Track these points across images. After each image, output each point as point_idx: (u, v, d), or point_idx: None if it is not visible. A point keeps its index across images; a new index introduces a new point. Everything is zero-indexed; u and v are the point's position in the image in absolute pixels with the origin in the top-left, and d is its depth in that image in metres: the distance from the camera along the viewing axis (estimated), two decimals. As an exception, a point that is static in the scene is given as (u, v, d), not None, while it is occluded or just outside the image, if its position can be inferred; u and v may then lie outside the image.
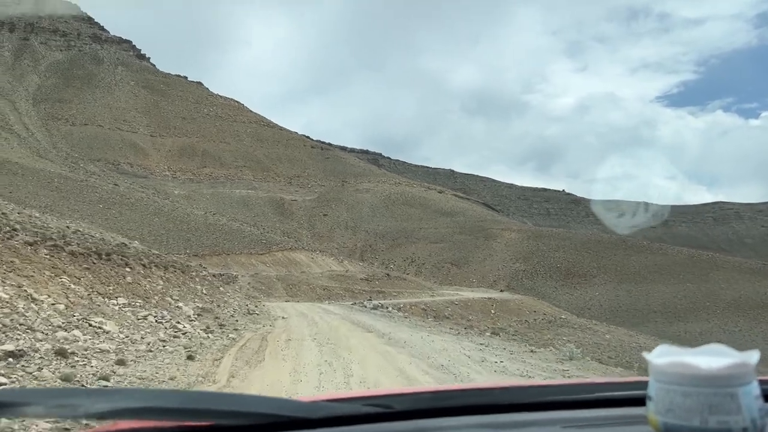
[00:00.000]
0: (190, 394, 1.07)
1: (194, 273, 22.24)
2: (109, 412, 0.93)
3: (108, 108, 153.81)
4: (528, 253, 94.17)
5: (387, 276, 53.02)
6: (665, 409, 0.88)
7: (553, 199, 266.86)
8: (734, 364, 0.86)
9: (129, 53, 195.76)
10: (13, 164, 74.87)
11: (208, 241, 56.39)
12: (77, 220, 56.40)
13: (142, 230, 55.54)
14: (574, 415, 1.23)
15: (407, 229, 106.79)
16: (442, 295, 50.36)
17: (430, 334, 15.19)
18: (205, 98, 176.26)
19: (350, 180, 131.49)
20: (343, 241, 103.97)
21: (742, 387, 0.86)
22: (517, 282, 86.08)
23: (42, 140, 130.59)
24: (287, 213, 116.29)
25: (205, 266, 44.45)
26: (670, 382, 0.88)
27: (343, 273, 51.36)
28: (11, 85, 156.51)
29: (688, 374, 0.86)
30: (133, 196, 71.97)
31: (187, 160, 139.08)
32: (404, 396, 1.26)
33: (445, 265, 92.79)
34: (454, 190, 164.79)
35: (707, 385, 0.85)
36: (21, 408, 0.92)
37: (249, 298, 27.10)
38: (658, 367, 0.90)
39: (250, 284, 42.81)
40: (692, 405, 0.86)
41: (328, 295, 43.65)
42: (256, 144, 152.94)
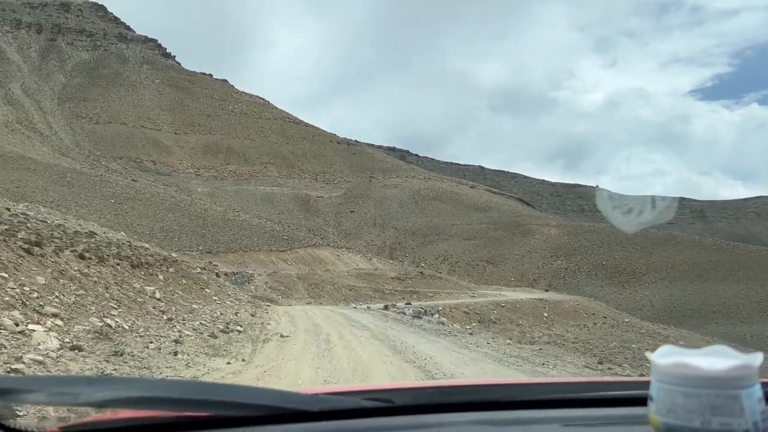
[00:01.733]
0: (191, 384, 1.11)
1: (170, 269, 16.97)
2: (110, 401, 0.92)
3: (132, 106, 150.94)
4: (569, 249, 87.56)
5: (420, 274, 47.39)
6: (666, 409, 0.87)
7: (586, 196, 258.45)
8: (737, 366, 0.85)
9: (154, 52, 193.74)
10: (27, 160, 71.09)
11: (225, 238, 51.38)
12: (85, 215, 51.91)
13: (153, 226, 50.80)
14: (574, 414, 1.22)
15: (438, 225, 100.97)
16: (484, 295, 44.63)
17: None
18: (230, 95, 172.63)
19: (378, 175, 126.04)
20: (371, 239, 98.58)
21: (745, 389, 0.84)
22: (559, 280, 79.65)
23: (65, 138, 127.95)
24: (313, 210, 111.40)
25: (216, 264, 39.33)
26: (672, 382, 0.87)
27: (372, 271, 45.89)
28: (37, 84, 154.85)
29: (690, 375, 0.85)
30: (149, 191, 67.53)
31: (211, 158, 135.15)
32: (405, 391, 1.24)
33: (479, 263, 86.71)
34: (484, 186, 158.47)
35: (710, 386, 0.84)
36: (21, 395, 0.91)
37: (255, 301, 21.81)
38: (660, 367, 0.89)
39: (267, 284, 37.56)
40: (694, 406, 0.84)
41: (356, 296, 38.19)
42: (282, 140, 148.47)
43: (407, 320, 19.10)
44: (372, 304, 36.12)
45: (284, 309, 21.15)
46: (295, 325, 13.78)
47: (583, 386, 1.47)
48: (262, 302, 24.65)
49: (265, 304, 22.05)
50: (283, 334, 11.78)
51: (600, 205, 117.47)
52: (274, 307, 21.42)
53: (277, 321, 14.93)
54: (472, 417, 1.16)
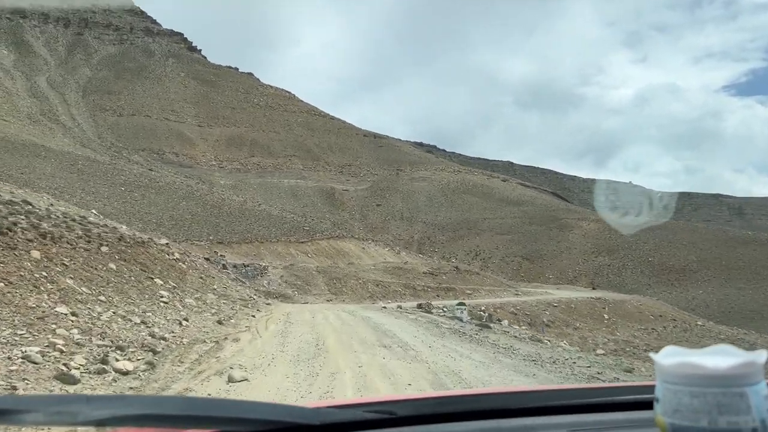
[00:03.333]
0: (190, 400, 1.11)
1: (102, 248, 11.82)
2: (108, 419, 0.90)
3: (156, 99, 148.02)
4: (612, 245, 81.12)
5: (456, 270, 41.99)
6: (672, 410, 0.85)
7: (618, 192, 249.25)
8: (742, 364, 0.84)
9: (180, 45, 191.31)
10: (39, 147, 67.41)
11: (240, 228, 46.62)
12: (89, 201, 47.58)
13: (162, 214, 46.28)
14: (580, 420, 1.19)
15: (469, 219, 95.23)
16: (528, 293, 39.16)
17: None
18: (256, 88, 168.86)
19: (405, 168, 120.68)
20: (398, 233, 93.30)
21: (751, 386, 0.83)
22: (602, 278, 73.43)
23: (87, 130, 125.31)
24: (338, 203, 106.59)
25: (223, 254, 34.45)
26: (678, 382, 0.85)
27: (401, 265, 40.66)
28: (63, 78, 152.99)
29: (695, 374, 0.84)
30: (164, 180, 63.21)
31: (234, 150, 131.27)
32: (407, 402, 1.22)
33: (515, 259, 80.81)
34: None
35: (716, 385, 0.83)
36: (19, 415, 0.89)
37: (253, 299, 16.67)
38: (665, 367, 0.88)
39: (282, 278, 32.58)
40: (700, 405, 0.83)
41: (383, 292, 33.00)
42: (307, 133, 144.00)
43: (469, 332, 13.21)
44: (403, 302, 30.85)
45: (289, 309, 15.97)
46: (284, 343, 8.36)
47: (588, 392, 1.44)
48: (264, 300, 19.66)
49: (264, 303, 16.99)
50: (235, 377, 6.42)
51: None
52: (277, 308, 16.26)
53: (255, 335, 9.70)
54: (476, 426, 1.13)
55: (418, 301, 32.48)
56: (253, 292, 21.87)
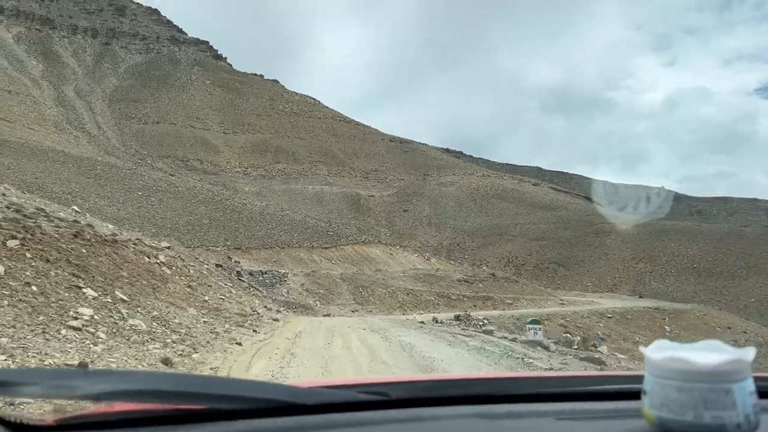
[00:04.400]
0: (187, 377, 1.15)
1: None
2: (106, 394, 0.91)
3: (182, 106, 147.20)
4: (652, 251, 76.64)
5: (492, 277, 38.52)
6: (660, 403, 0.87)
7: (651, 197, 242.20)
8: (730, 360, 0.85)
9: (206, 54, 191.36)
10: (59, 153, 65.82)
11: (260, 233, 43.84)
12: (103, 206, 45.28)
13: (178, 219, 43.74)
14: (568, 407, 1.20)
15: (500, 225, 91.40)
16: (574, 302, 35.53)
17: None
18: (280, 95, 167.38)
19: (432, 173, 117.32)
20: (426, 239, 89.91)
21: (738, 383, 0.84)
22: (644, 285, 69.08)
23: (112, 138, 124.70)
24: (364, 209, 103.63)
25: (238, 260, 31.52)
26: (666, 376, 0.86)
27: (433, 272, 37.35)
28: (90, 87, 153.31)
29: (683, 369, 0.85)
30: (183, 185, 60.97)
31: (259, 156, 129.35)
32: (400, 384, 1.24)
33: (549, 265, 76.77)
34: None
35: (702, 380, 0.84)
36: (18, 388, 0.90)
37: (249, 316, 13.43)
38: (653, 361, 0.89)
39: (303, 286, 29.53)
40: (687, 400, 0.84)
41: (414, 302, 29.73)
42: (332, 139, 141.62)
43: (574, 366, 9.59)
44: (437, 313, 27.52)
45: (301, 327, 12.65)
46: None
47: (577, 380, 1.45)
48: (275, 313, 16.58)
49: (271, 319, 13.82)
50: None
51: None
52: (286, 326, 12.97)
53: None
54: (467, 410, 1.14)
55: (453, 311, 29.13)
56: (267, 303, 18.87)
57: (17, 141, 69.37)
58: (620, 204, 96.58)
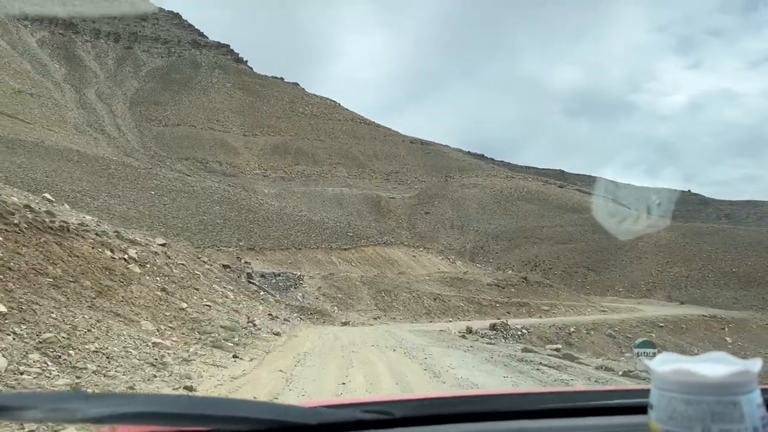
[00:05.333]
0: (188, 399, 1.09)
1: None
2: (107, 417, 0.90)
3: (202, 109, 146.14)
4: (687, 254, 72.75)
5: (524, 281, 35.50)
6: (667, 417, 0.85)
7: (678, 201, 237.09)
8: (737, 372, 0.83)
9: (227, 57, 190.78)
10: (73, 152, 64.18)
11: (276, 233, 41.33)
12: (112, 205, 43.18)
13: (190, 218, 41.41)
14: (574, 423, 1.18)
15: (526, 227, 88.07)
16: (616, 309, 32.44)
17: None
18: (301, 98, 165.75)
19: (454, 175, 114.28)
20: (448, 242, 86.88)
21: (745, 395, 0.83)
22: (680, 291, 65.30)
23: (132, 140, 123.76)
24: (384, 211, 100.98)
25: (248, 261, 28.92)
26: (672, 390, 0.85)
27: (461, 276, 34.43)
28: (111, 90, 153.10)
29: (690, 382, 0.83)
30: (199, 185, 58.85)
31: (279, 158, 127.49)
32: (404, 403, 1.22)
33: (579, 269, 73.28)
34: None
35: (710, 393, 0.82)
36: (18, 412, 0.88)
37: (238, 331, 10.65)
38: (660, 374, 0.87)
39: (320, 289, 26.85)
40: (694, 413, 0.82)
41: (442, 308, 26.88)
42: (352, 141, 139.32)
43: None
44: (468, 320, 24.62)
45: (308, 345, 9.88)
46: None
47: (582, 395, 1.43)
48: (281, 323, 13.91)
49: (271, 332, 11.06)
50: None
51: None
52: (288, 344, 10.24)
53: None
54: (472, 428, 1.12)
55: (485, 319, 26.21)
56: (277, 309, 16.24)
57: (33, 141, 68.01)
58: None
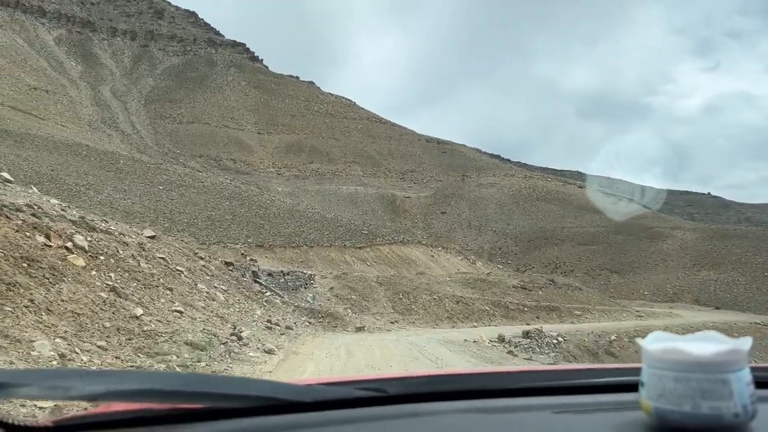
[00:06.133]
0: (184, 376, 1.11)
1: None
2: (102, 394, 0.90)
3: (217, 107, 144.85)
4: (715, 257, 69.55)
5: (551, 283, 33.00)
6: (657, 394, 0.87)
7: (696, 203, 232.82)
8: (726, 351, 0.85)
9: (242, 56, 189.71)
10: (82, 147, 62.58)
11: (288, 230, 39.16)
12: (118, 199, 41.28)
13: (198, 214, 39.38)
14: (565, 401, 1.19)
15: (546, 228, 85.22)
16: (652, 314, 29.86)
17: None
18: (316, 96, 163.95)
19: (471, 174, 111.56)
20: (465, 242, 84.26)
21: (734, 373, 0.84)
22: (709, 294, 62.20)
23: (146, 137, 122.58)
24: (399, 211, 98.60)
25: (254, 259, 26.69)
26: (663, 367, 0.86)
27: (484, 277, 31.99)
28: (126, 87, 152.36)
29: (680, 360, 0.85)
30: (210, 180, 56.90)
31: (293, 157, 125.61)
32: (397, 380, 1.23)
33: (602, 272, 70.36)
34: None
35: (699, 370, 0.84)
36: (13, 389, 0.88)
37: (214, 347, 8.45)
38: (650, 352, 0.89)
39: (333, 290, 24.59)
40: (684, 390, 0.84)
41: (466, 312, 24.49)
42: (367, 140, 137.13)
43: None
44: (495, 325, 22.16)
45: (309, 370, 7.71)
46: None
47: (574, 373, 1.44)
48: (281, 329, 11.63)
49: (261, 348, 8.77)
50: None
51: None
52: (292, 356, 8.18)
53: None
54: (464, 405, 1.13)
55: (512, 324, 23.75)
56: (279, 314, 14.07)
57: (43, 135, 66.62)
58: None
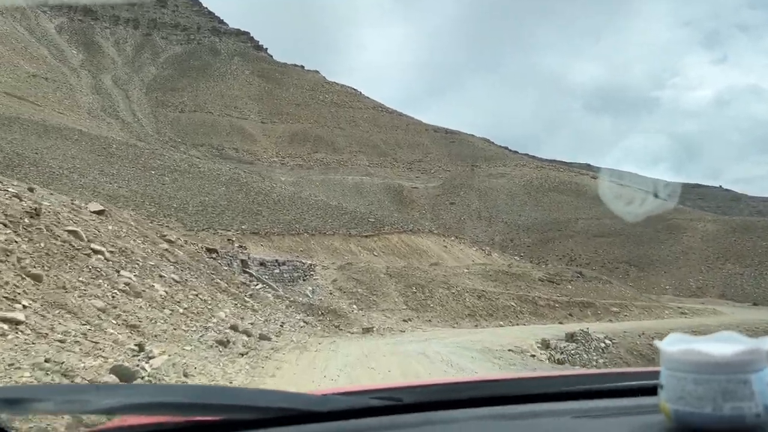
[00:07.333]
0: (199, 388, 1.13)
1: None
2: (118, 408, 0.89)
3: (220, 96, 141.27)
4: (740, 250, 65.73)
5: (580, 276, 29.47)
6: (677, 396, 0.85)
7: (708, 196, 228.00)
8: (746, 351, 0.83)
9: (246, 44, 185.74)
10: (74, 131, 59.20)
11: (288, 217, 35.69)
12: (103, 182, 37.90)
13: (191, 199, 35.96)
14: (584, 406, 1.17)
15: (559, 220, 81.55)
16: (696, 311, 26.41)
17: None
18: (321, 85, 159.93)
19: (481, 164, 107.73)
20: (475, 234, 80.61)
21: (755, 373, 0.83)
22: (735, 289, 58.50)
23: (147, 125, 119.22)
24: (406, 201, 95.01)
25: (245, 246, 23.19)
26: (682, 369, 0.85)
27: (505, 269, 28.45)
28: (128, 75, 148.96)
29: (699, 361, 0.83)
30: (206, 166, 53.53)
31: (297, 146, 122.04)
32: (413, 389, 1.21)
33: (619, 265, 66.69)
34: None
35: (719, 371, 0.82)
36: (30, 404, 0.88)
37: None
38: (669, 354, 0.87)
39: (336, 282, 21.12)
40: (704, 392, 0.83)
41: (489, 308, 20.97)
42: (373, 129, 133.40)
43: None
44: (532, 326, 18.57)
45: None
46: None
47: (592, 378, 1.41)
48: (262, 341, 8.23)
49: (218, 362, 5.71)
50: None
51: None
52: (275, 372, 5.05)
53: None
54: (481, 412, 1.11)
55: (544, 322, 20.21)
56: (267, 312, 10.79)
57: (34, 120, 63.38)
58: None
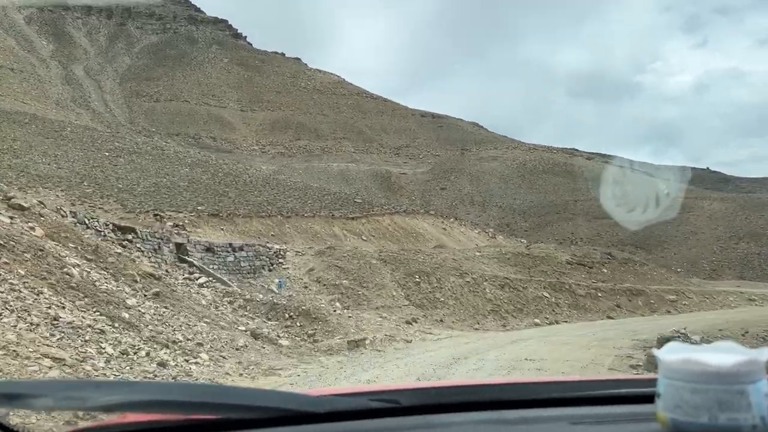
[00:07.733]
0: (198, 387, 1.13)
1: None
2: (117, 405, 0.90)
3: (197, 84, 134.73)
4: (753, 229, 61.39)
5: (610, 258, 24.49)
6: (674, 405, 0.85)
7: (696, 179, 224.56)
8: (744, 362, 0.83)
9: (225, 33, 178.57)
10: (23, 115, 53.24)
11: (258, 198, 30.36)
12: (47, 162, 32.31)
13: (142, 181, 30.47)
14: (582, 412, 1.17)
15: (556, 202, 76.87)
16: (745, 295, 21.75)
17: None
18: (303, 73, 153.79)
19: (471, 148, 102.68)
20: (469, 220, 75.81)
21: (752, 384, 0.82)
22: (752, 270, 54.13)
23: (119, 116, 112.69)
24: (395, 188, 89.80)
25: (185, 225, 17.68)
26: (679, 378, 0.85)
27: (523, 250, 23.33)
28: (101, 66, 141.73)
29: (697, 371, 0.83)
30: (171, 149, 47.97)
31: (279, 134, 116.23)
32: (411, 391, 1.22)
33: (625, 247, 61.92)
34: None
35: (717, 381, 0.82)
36: (30, 400, 0.89)
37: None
38: (667, 363, 0.87)
39: (313, 272, 15.88)
40: (701, 402, 0.82)
41: (519, 301, 15.80)
42: (358, 115, 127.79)
43: None
44: (576, 324, 13.59)
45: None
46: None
47: (590, 384, 1.42)
48: None
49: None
50: None
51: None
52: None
53: None
54: (479, 417, 1.12)
55: (589, 317, 15.16)
56: (210, 315, 5.89)
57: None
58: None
